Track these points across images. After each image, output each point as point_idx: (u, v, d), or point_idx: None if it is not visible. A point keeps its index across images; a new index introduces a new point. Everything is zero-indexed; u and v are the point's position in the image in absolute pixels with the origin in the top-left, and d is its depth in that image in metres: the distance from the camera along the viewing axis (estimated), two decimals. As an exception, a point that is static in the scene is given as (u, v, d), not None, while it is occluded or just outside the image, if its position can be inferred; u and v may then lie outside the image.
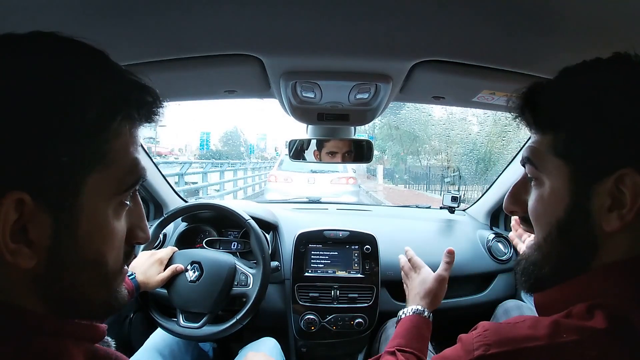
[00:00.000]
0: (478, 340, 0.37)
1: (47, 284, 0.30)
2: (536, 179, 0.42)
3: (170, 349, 0.96)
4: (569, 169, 0.38)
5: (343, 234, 1.14)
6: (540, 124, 0.41)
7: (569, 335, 0.33)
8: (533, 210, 0.42)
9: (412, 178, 10.93)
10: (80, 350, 0.32)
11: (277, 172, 6.74)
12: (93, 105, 0.29)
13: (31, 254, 0.29)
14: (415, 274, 0.81)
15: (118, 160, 0.32)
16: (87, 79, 0.30)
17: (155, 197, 1.30)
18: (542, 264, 0.41)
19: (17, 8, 0.45)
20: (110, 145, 0.31)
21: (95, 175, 0.30)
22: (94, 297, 0.33)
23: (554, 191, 0.39)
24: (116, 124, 0.31)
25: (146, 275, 0.90)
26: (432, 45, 0.57)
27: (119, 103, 0.31)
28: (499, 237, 1.26)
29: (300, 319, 1.06)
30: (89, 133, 0.29)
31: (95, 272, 0.32)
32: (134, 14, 0.48)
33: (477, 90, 0.73)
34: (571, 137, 0.38)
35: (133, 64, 0.62)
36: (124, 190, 0.33)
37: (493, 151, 4.61)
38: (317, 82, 0.71)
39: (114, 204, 0.32)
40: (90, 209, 0.30)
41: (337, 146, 1.03)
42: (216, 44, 0.58)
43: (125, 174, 0.32)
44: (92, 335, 0.35)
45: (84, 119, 0.29)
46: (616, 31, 0.47)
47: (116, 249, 0.34)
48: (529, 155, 0.42)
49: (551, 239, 0.40)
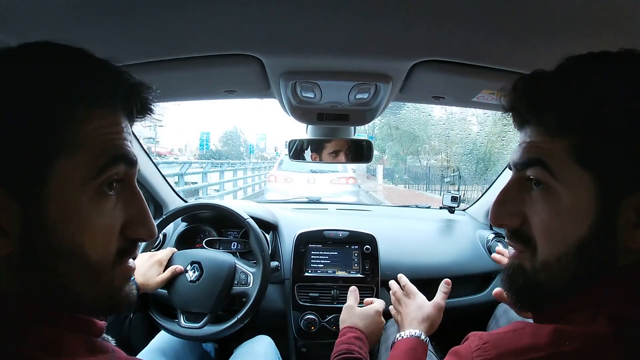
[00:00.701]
0: (478, 354, 0.34)
1: (26, 272, 0.30)
2: (546, 187, 0.35)
3: (174, 350, 0.96)
4: (597, 181, 0.32)
5: (343, 234, 1.14)
6: (551, 126, 0.34)
7: (572, 343, 0.31)
8: (544, 227, 0.35)
9: (412, 178, 10.94)
10: (78, 340, 0.32)
11: (276, 172, 6.74)
12: (50, 95, 0.29)
13: (5, 242, 0.29)
14: (410, 299, 0.80)
15: (87, 144, 0.31)
16: (41, 70, 0.30)
17: (155, 197, 1.30)
18: (550, 284, 0.36)
19: (17, 8, 0.45)
20: (76, 131, 0.30)
21: (63, 161, 0.30)
22: (80, 292, 0.32)
23: (575, 206, 0.33)
24: (80, 111, 0.31)
25: (145, 277, 0.90)
26: (432, 45, 0.57)
27: (79, 90, 0.31)
28: (498, 237, 1.25)
29: (300, 319, 1.06)
30: (49, 121, 0.29)
31: (76, 263, 0.31)
32: (134, 14, 0.48)
33: (477, 90, 0.73)
34: (601, 144, 0.32)
35: (133, 64, 0.62)
36: (95, 173, 0.31)
37: (493, 151, 4.60)
38: (316, 82, 0.71)
39: (90, 192, 0.31)
40: (60, 196, 0.30)
41: (337, 146, 1.03)
42: (216, 44, 0.59)
43: (96, 155, 0.31)
44: (90, 329, 0.35)
45: (42, 109, 0.29)
46: (616, 30, 0.47)
47: (99, 241, 0.32)
48: (542, 157, 0.35)
49: (566, 260, 0.34)
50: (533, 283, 0.37)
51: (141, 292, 0.89)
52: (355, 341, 0.71)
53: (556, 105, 0.34)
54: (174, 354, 0.95)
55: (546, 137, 0.35)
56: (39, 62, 0.31)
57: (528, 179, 0.37)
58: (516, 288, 0.39)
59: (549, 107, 0.35)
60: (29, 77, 0.29)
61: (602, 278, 0.34)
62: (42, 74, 0.30)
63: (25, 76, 0.29)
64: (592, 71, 0.34)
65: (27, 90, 0.29)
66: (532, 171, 0.36)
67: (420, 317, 0.74)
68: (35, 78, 0.30)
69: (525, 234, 0.38)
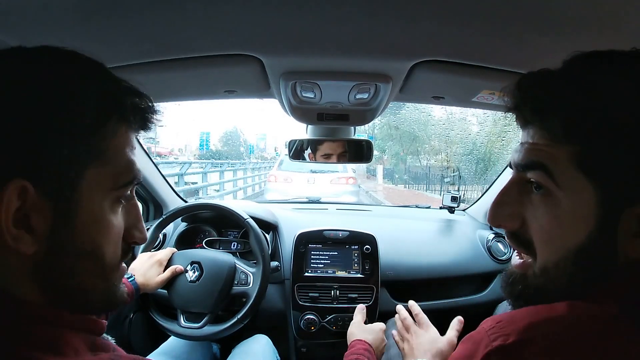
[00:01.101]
0: (493, 332, 0.33)
1: (46, 271, 0.32)
2: (547, 192, 0.34)
3: (187, 354, 0.96)
4: (599, 189, 0.32)
5: (343, 234, 1.14)
6: (554, 130, 0.33)
7: (586, 313, 0.31)
8: (543, 231, 0.35)
9: (412, 178, 10.94)
10: (79, 339, 0.33)
11: (276, 172, 6.74)
12: (90, 108, 0.32)
13: (32, 240, 0.30)
14: (423, 330, 0.79)
15: (114, 158, 0.34)
16: (85, 85, 0.33)
17: (155, 197, 1.30)
18: (547, 289, 0.36)
19: (17, 8, 0.45)
20: (107, 143, 0.34)
21: (93, 170, 0.33)
22: (91, 288, 0.35)
23: (576, 213, 0.33)
24: (112, 125, 0.34)
25: (146, 277, 0.90)
26: (431, 45, 0.57)
27: (113, 106, 0.34)
28: (498, 237, 1.26)
29: (300, 319, 1.06)
30: (86, 131, 0.32)
31: (92, 262, 0.34)
32: (134, 14, 0.48)
33: (477, 90, 0.73)
34: (606, 152, 0.31)
35: (133, 63, 0.62)
36: (119, 186, 0.35)
37: (493, 151, 4.61)
38: (316, 82, 0.71)
39: (110, 200, 0.35)
40: (88, 201, 0.33)
41: (336, 146, 1.03)
42: (216, 44, 0.59)
43: (121, 171, 0.35)
44: (92, 328, 0.36)
45: (82, 119, 0.32)
46: (617, 30, 0.47)
47: (113, 243, 0.36)
48: (543, 160, 0.34)
49: (564, 265, 0.34)
50: (531, 288, 0.37)
51: (141, 292, 0.89)
52: (365, 352, 0.72)
53: (562, 110, 0.33)
54: (187, 359, 0.96)
55: (550, 140, 0.34)
56: (80, 76, 0.33)
57: (529, 181, 0.36)
58: (515, 293, 0.39)
59: (554, 111, 0.34)
60: (71, 88, 0.32)
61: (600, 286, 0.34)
62: (83, 88, 0.33)
63: (68, 87, 0.32)
64: (600, 73, 0.33)
65: (68, 99, 0.31)
66: (533, 174, 0.35)
67: (435, 351, 0.72)
68: (76, 90, 0.32)
69: (524, 237, 0.37)
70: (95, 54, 0.35)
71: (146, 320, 1.16)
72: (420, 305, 1.14)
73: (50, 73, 0.32)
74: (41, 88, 0.31)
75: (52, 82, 0.31)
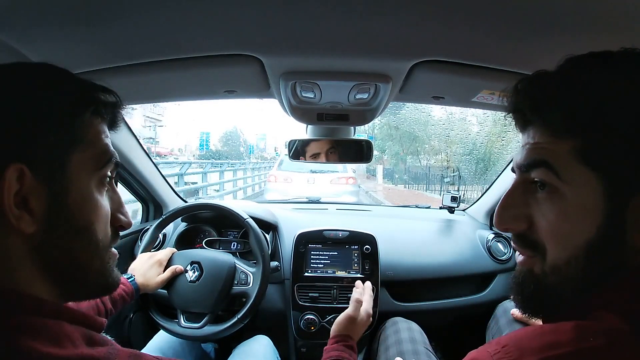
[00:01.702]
0: (499, 357, 0.33)
1: (45, 249, 0.36)
2: (552, 189, 0.35)
3: (173, 349, 0.96)
4: (603, 181, 0.32)
5: (343, 234, 1.14)
6: (554, 126, 0.34)
7: (596, 339, 0.30)
8: (552, 229, 0.35)
9: (412, 178, 10.94)
10: (77, 332, 0.35)
11: (276, 172, 6.74)
12: (67, 103, 0.38)
13: (31, 220, 0.34)
14: None
15: (93, 143, 0.40)
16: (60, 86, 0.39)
17: (155, 197, 1.30)
18: (561, 288, 0.35)
19: (17, 8, 0.45)
20: (85, 131, 0.39)
21: (77, 154, 0.38)
22: (87, 266, 0.39)
23: (583, 207, 0.33)
24: (87, 116, 0.39)
25: (146, 277, 0.90)
26: (431, 45, 0.57)
27: (87, 101, 0.40)
28: (498, 237, 1.26)
29: (300, 319, 1.06)
30: (66, 122, 0.37)
31: (87, 239, 0.38)
32: (134, 14, 0.48)
33: (477, 90, 0.73)
34: (606, 143, 0.32)
35: (134, 63, 0.62)
36: (101, 166, 0.40)
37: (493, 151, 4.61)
38: (316, 82, 0.71)
39: (95, 180, 0.39)
40: (76, 182, 0.37)
41: (336, 146, 1.03)
42: (216, 44, 0.58)
43: (100, 153, 0.40)
44: (90, 323, 0.38)
45: (62, 112, 0.37)
46: (617, 30, 0.47)
47: (103, 223, 0.40)
48: (546, 158, 0.34)
49: (576, 262, 0.34)
50: (543, 288, 0.36)
51: (141, 293, 0.89)
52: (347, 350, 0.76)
53: (561, 105, 0.34)
54: (173, 354, 0.96)
55: (551, 137, 0.34)
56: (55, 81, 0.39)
57: (533, 181, 0.37)
58: (527, 294, 0.38)
59: (554, 107, 0.34)
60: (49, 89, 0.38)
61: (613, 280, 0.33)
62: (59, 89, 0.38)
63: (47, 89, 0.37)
64: (595, 71, 0.34)
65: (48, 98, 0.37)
66: (537, 173, 0.35)
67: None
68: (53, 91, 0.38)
69: (532, 238, 0.37)
70: (96, 54, 0.35)
71: (146, 320, 1.17)
72: (421, 305, 1.16)
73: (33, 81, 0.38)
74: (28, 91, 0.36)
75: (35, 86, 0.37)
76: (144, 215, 1.36)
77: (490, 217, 1.35)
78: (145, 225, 1.25)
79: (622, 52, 0.34)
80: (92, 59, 0.61)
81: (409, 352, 0.88)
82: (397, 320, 1.02)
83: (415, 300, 1.15)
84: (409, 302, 1.15)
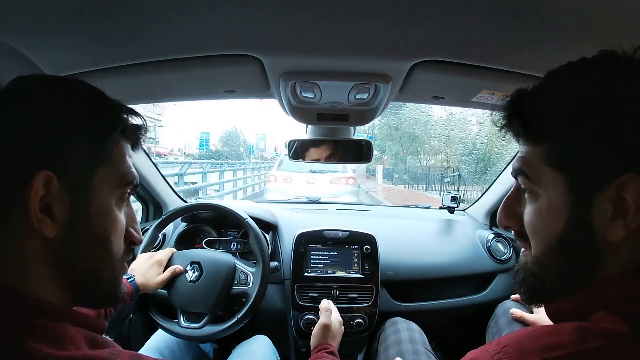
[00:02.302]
0: (499, 357, 0.34)
1: (63, 254, 0.37)
2: (530, 192, 0.39)
3: (171, 349, 0.96)
4: (566, 180, 0.36)
5: (343, 234, 1.14)
6: (531, 135, 0.39)
7: (596, 341, 0.31)
8: (530, 225, 0.40)
9: (412, 178, 10.94)
10: (80, 334, 0.36)
11: (276, 172, 6.74)
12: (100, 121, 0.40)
13: (53, 225, 0.36)
14: None
15: (118, 161, 0.42)
16: (97, 105, 0.42)
17: (154, 197, 1.30)
18: (542, 276, 0.39)
19: (17, 8, 0.45)
20: (112, 149, 0.41)
21: (103, 169, 0.40)
22: (102, 273, 0.40)
23: (551, 205, 0.37)
24: (115, 135, 0.41)
25: (145, 277, 0.90)
26: (431, 45, 0.57)
27: (117, 121, 0.42)
28: (498, 237, 1.26)
29: (300, 319, 1.06)
30: (97, 138, 0.40)
31: (103, 249, 0.40)
32: (134, 15, 0.49)
33: (477, 90, 0.73)
34: (565, 146, 0.36)
35: (134, 64, 0.62)
36: (123, 184, 0.42)
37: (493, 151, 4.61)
38: (316, 82, 0.71)
39: (116, 196, 0.41)
40: (99, 195, 0.39)
41: (336, 146, 1.03)
42: (216, 44, 0.59)
43: (124, 172, 0.42)
44: (93, 325, 0.39)
45: (95, 129, 0.40)
46: (616, 29, 0.47)
47: (118, 236, 0.42)
48: (522, 167, 0.39)
49: (551, 254, 0.38)
50: (530, 274, 0.40)
51: (141, 293, 0.88)
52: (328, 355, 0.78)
53: (528, 118, 0.39)
54: (171, 353, 0.96)
55: (528, 146, 0.39)
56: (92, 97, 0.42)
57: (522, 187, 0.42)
58: (519, 280, 0.42)
59: (525, 120, 0.39)
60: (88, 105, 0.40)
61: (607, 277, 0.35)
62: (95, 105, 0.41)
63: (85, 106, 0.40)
64: (562, 82, 0.38)
65: (85, 112, 0.39)
66: (520, 179, 0.41)
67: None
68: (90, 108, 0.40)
69: (525, 234, 0.41)
70: (96, 54, 0.35)
71: (146, 320, 1.16)
72: (421, 305, 1.16)
73: (70, 96, 0.40)
74: (65, 104, 0.39)
75: (72, 101, 0.40)
76: (143, 215, 1.36)
77: (490, 217, 1.35)
78: (145, 226, 1.25)
79: (595, 57, 0.37)
80: (93, 59, 0.61)
81: (408, 352, 0.88)
82: (396, 320, 1.02)
83: (415, 300, 1.16)
84: (409, 302, 1.15)
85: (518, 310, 0.95)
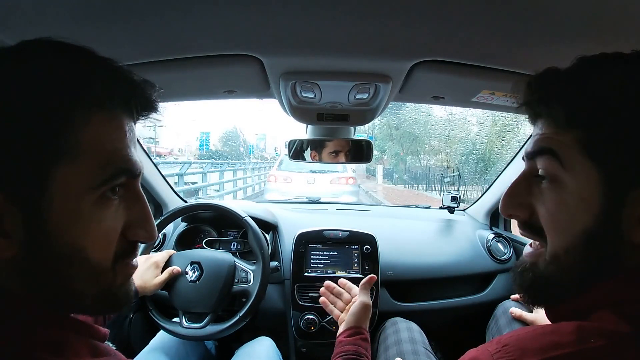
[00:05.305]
0: (499, 356, 0.33)
1: (28, 274, 0.31)
2: (554, 179, 0.36)
3: (175, 349, 0.96)
4: (603, 173, 0.33)
5: (343, 234, 1.14)
6: (563, 118, 0.35)
7: (596, 340, 0.30)
8: (552, 217, 0.36)
9: (412, 178, 10.94)
10: (82, 343, 0.34)
11: (276, 172, 6.74)
12: (45, 96, 0.28)
13: (8, 244, 0.29)
14: None
15: (90, 152, 0.30)
16: (36, 69, 0.29)
17: (154, 197, 1.30)
18: (558, 277, 0.36)
19: (17, 8, 0.45)
20: (75, 138, 0.30)
21: (64, 168, 0.30)
22: (82, 291, 0.33)
23: (581, 197, 0.34)
24: (80, 113, 0.30)
25: (143, 280, 0.89)
26: (431, 45, 0.57)
27: (74, 95, 0.30)
28: (498, 237, 1.26)
29: (300, 319, 1.06)
30: (45, 125, 0.29)
31: (77, 265, 0.32)
32: (134, 15, 0.48)
33: (477, 90, 0.73)
34: (609, 138, 0.33)
35: (133, 64, 0.62)
36: (98, 184, 0.31)
37: (492, 151, 4.61)
38: (316, 82, 0.71)
39: (93, 199, 0.31)
40: (62, 202, 0.30)
41: (336, 146, 1.03)
42: (216, 44, 0.59)
43: (100, 165, 0.31)
44: (94, 333, 0.36)
45: (38, 111, 0.28)
46: (616, 30, 0.47)
47: (100, 244, 0.33)
48: (553, 147, 0.35)
49: (574, 251, 0.35)
50: (543, 276, 0.37)
51: (140, 295, 0.88)
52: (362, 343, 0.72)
53: (563, 99, 0.36)
54: (176, 352, 0.95)
55: (556, 129, 0.36)
56: (34, 61, 0.30)
57: (537, 175, 0.38)
58: (527, 283, 0.39)
59: (557, 101, 0.36)
60: (23, 77, 0.29)
61: (615, 276, 0.34)
62: (36, 74, 0.29)
63: (20, 76, 0.29)
64: (601, 69, 0.35)
65: (21, 91, 0.28)
66: (542, 161, 0.37)
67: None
68: (29, 78, 0.29)
69: (536, 225, 0.38)
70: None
71: (146, 321, 1.16)
72: (421, 305, 1.15)
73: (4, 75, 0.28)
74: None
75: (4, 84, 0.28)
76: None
77: (491, 217, 1.35)
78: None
79: (632, 53, 0.35)
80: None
81: (408, 352, 0.88)
82: (396, 320, 1.02)
83: (415, 300, 1.15)
84: (409, 302, 1.15)
85: (517, 309, 0.96)
